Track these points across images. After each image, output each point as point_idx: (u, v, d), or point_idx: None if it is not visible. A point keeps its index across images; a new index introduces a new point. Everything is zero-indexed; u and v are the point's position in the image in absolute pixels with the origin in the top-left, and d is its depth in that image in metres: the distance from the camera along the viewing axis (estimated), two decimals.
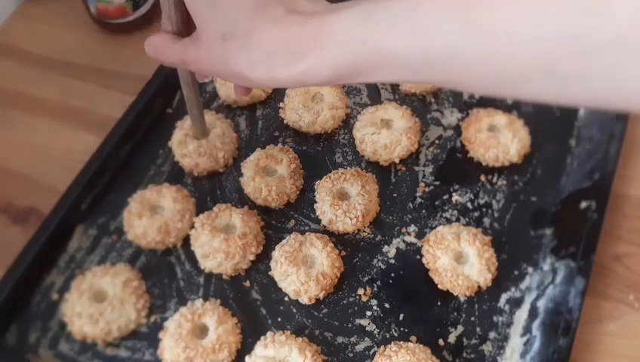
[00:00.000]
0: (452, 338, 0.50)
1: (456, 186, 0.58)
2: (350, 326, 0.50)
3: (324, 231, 0.55)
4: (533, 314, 0.50)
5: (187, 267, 0.54)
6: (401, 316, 0.51)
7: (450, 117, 0.63)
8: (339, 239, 0.55)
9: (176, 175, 0.59)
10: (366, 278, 0.53)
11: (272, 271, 0.52)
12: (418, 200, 0.57)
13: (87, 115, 0.65)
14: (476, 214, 0.56)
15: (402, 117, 0.60)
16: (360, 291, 0.52)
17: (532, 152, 0.60)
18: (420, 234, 0.55)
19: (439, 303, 0.51)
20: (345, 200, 0.55)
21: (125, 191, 0.57)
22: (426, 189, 0.58)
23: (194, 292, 0.52)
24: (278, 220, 0.56)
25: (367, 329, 0.50)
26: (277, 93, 0.64)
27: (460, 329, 0.50)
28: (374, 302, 0.52)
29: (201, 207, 0.56)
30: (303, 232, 0.54)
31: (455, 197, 0.57)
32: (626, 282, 0.53)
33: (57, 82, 0.68)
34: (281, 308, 0.51)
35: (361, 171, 0.57)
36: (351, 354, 0.49)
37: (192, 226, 0.54)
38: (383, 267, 0.53)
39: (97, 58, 0.70)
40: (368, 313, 0.51)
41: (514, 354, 0.49)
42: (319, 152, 0.61)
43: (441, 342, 0.49)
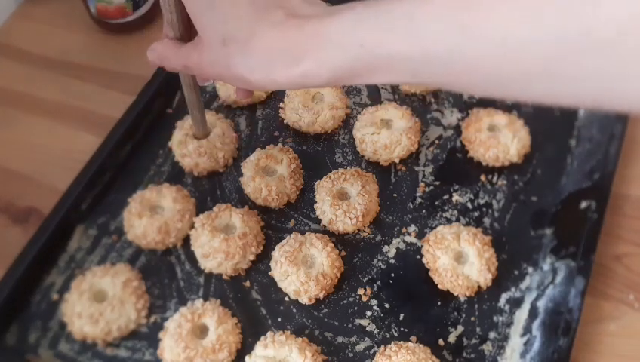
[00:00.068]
0: (452, 338, 0.50)
1: (457, 186, 0.58)
2: (350, 326, 0.50)
3: (324, 231, 0.55)
4: (533, 314, 0.50)
5: (187, 267, 0.54)
6: (401, 316, 0.51)
7: (450, 117, 0.63)
8: (339, 239, 0.55)
9: (176, 175, 0.59)
10: (366, 278, 0.53)
11: (272, 271, 0.52)
12: (418, 200, 0.57)
13: (87, 115, 0.65)
14: (476, 214, 0.56)
15: (402, 117, 0.60)
16: (360, 291, 0.52)
17: (532, 152, 0.60)
18: (420, 234, 0.55)
19: (439, 303, 0.51)
20: (345, 200, 0.55)
21: (125, 191, 0.57)
22: (426, 189, 0.58)
23: (194, 293, 0.52)
24: (278, 220, 0.56)
25: (367, 329, 0.50)
26: (277, 93, 0.64)
27: (460, 329, 0.50)
28: (374, 302, 0.52)
29: (201, 207, 0.56)
30: (303, 232, 0.54)
31: (455, 197, 0.57)
32: (626, 282, 0.53)
33: (57, 82, 0.68)
34: (281, 308, 0.51)
35: (361, 171, 0.57)
36: (351, 354, 0.49)
37: (192, 226, 0.54)
38: (383, 267, 0.53)
39: (97, 58, 0.70)
40: (368, 313, 0.51)
41: (514, 353, 0.49)
42: (319, 152, 0.61)
43: (441, 342, 0.49)
